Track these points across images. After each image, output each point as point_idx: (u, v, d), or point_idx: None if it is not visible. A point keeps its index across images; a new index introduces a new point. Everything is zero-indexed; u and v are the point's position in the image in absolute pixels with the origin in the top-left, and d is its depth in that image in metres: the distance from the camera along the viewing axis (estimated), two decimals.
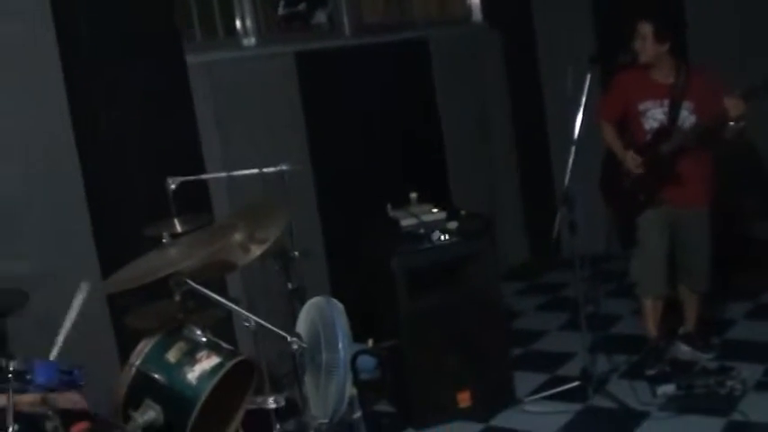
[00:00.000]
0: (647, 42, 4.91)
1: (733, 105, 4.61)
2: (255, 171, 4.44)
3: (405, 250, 4.94)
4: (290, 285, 4.56)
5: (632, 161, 5.07)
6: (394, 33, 6.83)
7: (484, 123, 7.61)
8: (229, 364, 3.49)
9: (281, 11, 6.07)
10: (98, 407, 3.38)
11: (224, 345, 3.65)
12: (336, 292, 4.60)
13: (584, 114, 4.85)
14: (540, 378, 5.40)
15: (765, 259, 6.54)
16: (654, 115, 5.03)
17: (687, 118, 4.97)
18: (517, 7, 7.71)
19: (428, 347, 4.90)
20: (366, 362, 4.66)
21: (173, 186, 4.10)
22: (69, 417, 3.13)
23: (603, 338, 5.82)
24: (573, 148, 4.86)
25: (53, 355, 3.28)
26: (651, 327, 5.33)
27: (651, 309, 5.30)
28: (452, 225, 5.04)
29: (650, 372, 5.17)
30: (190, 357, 3.49)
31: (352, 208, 5.98)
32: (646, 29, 4.90)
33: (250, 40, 5.80)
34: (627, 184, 5.16)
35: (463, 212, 5.27)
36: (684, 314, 5.45)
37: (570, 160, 4.84)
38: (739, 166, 6.46)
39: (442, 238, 4.96)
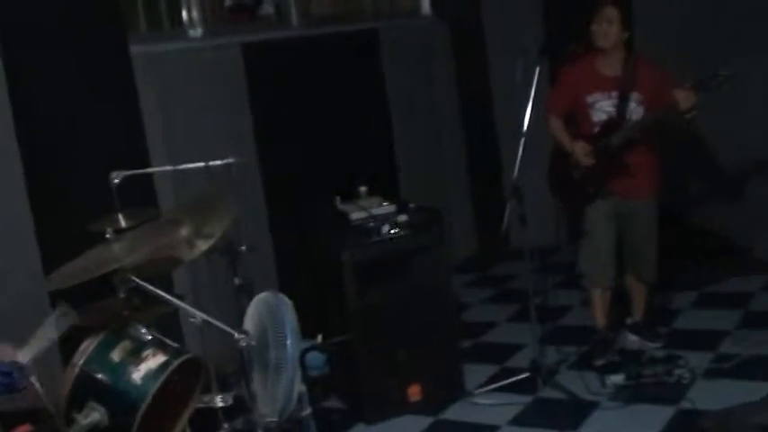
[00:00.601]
0: (612, 27, 4.91)
1: (683, 97, 4.65)
2: (202, 164, 4.36)
3: (354, 244, 4.89)
4: (237, 281, 4.49)
5: (581, 150, 5.06)
6: (342, 24, 6.78)
7: (433, 115, 7.59)
8: (176, 363, 3.44)
9: (227, 1, 6.00)
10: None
11: (170, 343, 3.61)
12: (285, 287, 4.54)
13: (533, 106, 4.85)
14: (490, 370, 5.40)
15: (710, 249, 6.61)
16: (602, 107, 5.04)
17: (635, 110, 4.99)
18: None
19: (378, 342, 4.87)
20: (315, 358, 4.65)
21: (116, 181, 4.01)
22: (11, 419, 3.06)
23: (553, 330, 5.86)
24: (522, 141, 4.85)
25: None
26: (599, 317, 5.35)
27: (599, 299, 5.33)
28: (402, 218, 5.01)
29: (599, 362, 5.19)
30: (135, 356, 3.44)
31: (300, 201, 5.92)
32: (613, 13, 4.90)
33: (196, 31, 5.72)
34: (576, 176, 5.16)
35: (413, 205, 5.24)
36: (632, 304, 5.51)
37: (519, 152, 4.84)
38: (686, 157, 6.52)
39: (392, 231, 4.93)
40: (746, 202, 6.69)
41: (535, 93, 4.84)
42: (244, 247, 4.46)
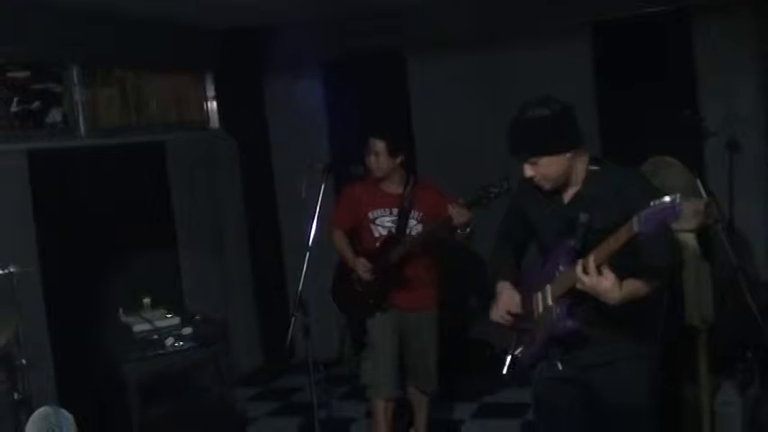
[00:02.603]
0: (380, 158, 5.15)
1: (457, 213, 4.88)
2: None
3: (137, 357, 4.85)
4: (16, 396, 4.34)
5: (362, 267, 5.23)
6: (130, 135, 6.78)
7: (219, 227, 7.64)
8: None
9: (13, 108, 5.88)
10: None
11: None
12: (66, 402, 4.42)
13: (317, 221, 4.98)
14: None
15: (489, 361, 6.82)
16: (383, 223, 5.25)
17: (415, 226, 5.22)
18: (252, 115, 7.88)
19: None
20: None
21: None
22: None
23: None
24: (307, 254, 4.96)
25: None
26: (383, 429, 5.42)
27: (382, 411, 5.38)
28: (187, 330, 5.01)
29: None
30: None
31: (83, 312, 5.78)
32: (379, 146, 5.14)
33: None
34: (358, 289, 5.31)
35: (197, 317, 5.25)
36: (414, 415, 5.61)
37: (304, 266, 4.94)
38: (463, 272, 6.81)
39: (176, 344, 4.92)
40: None
41: (320, 208, 4.99)
42: (24, 361, 4.34)
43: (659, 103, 6.47)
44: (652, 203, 2.77)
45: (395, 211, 5.24)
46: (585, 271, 3.07)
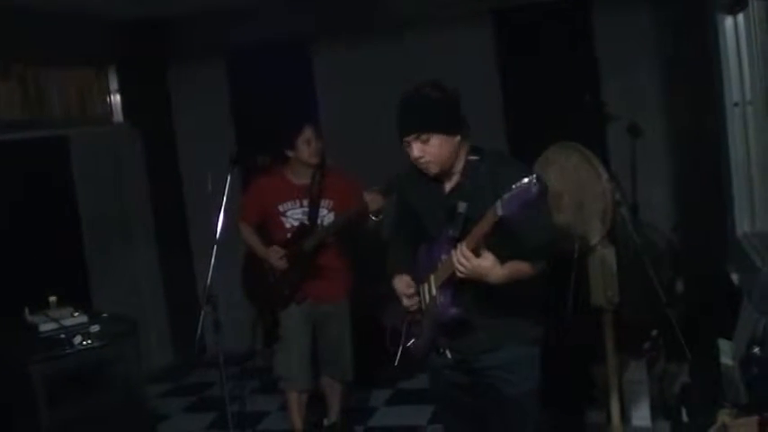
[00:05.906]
0: (313, 144, 5.15)
1: (372, 200, 4.90)
2: None
3: (44, 357, 4.75)
4: None
5: (275, 255, 5.20)
6: (32, 130, 6.63)
7: (125, 222, 7.51)
8: None
9: None
10: None
11: None
12: None
13: (224, 214, 4.93)
14: None
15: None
16: (294, 215, 5.23)
17: (326, 216, 5.22)
18: (157, 108, 7.78)
19: None
20: None
21: None
22: None
23: None
24: (215, 248, 4.91)
25: None
26: (297, 420, 5.41)
27: (296, 402, 5.39)
28: (95, 328, 4.93)
29: None
30: None
31: None
32: (310, 133, 5.14)
33: None
34: (271, 281, 5.27)
35: (105, 315, 5.17)
36: (328, 405, 5.61)
37: (212, 260, 4.89)
38: (372, 258, 6.82)
39: (84, 342, 4.84)
40: None
41: (227, 201, 4.94)
42: None
43: (562, 89, 6.57)
44: (514, 186, 2.83)
45: (305, 202, 5.23)
46: (462, 257, 3.09)
